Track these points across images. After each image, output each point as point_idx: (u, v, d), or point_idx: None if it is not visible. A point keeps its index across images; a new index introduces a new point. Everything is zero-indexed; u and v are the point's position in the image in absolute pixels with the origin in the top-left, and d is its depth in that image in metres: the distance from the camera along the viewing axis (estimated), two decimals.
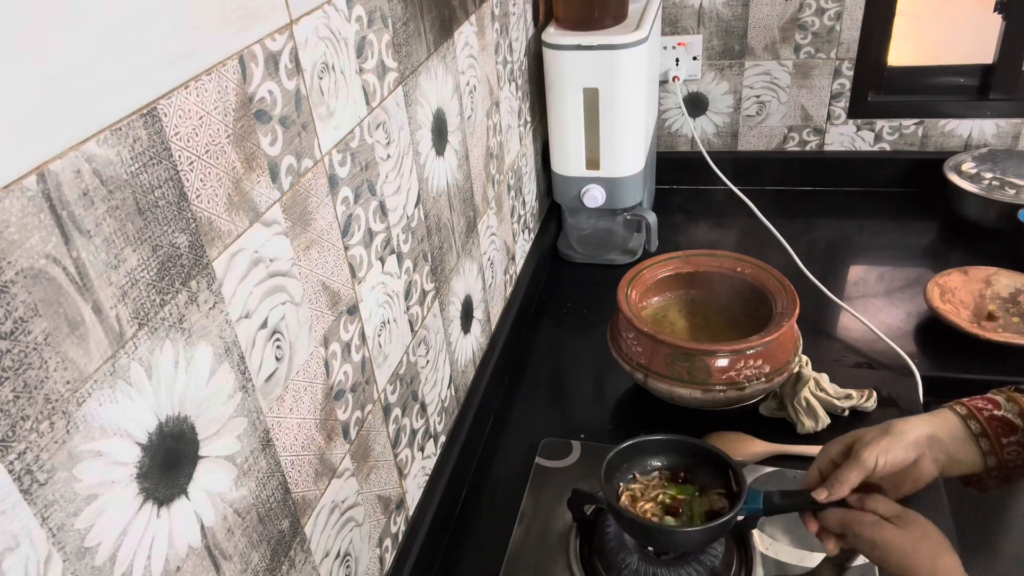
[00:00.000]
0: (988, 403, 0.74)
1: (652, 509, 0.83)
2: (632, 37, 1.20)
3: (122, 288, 0.43)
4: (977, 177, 1.42)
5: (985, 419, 0.73)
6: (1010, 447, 0.72)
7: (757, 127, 1.62)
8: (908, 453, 0.73)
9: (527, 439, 1.07)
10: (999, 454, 0.72)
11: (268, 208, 0.56)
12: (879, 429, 0.74)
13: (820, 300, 1.25)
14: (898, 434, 0.73)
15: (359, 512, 0.75)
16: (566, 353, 1.26)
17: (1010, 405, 0.73)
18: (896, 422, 0.74)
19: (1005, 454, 0.72)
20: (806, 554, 0.86)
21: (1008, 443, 0.72)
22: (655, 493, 0.84)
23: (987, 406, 0.74)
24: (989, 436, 0.72)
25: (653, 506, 0.83)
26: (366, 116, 0.71)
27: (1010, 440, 0.72)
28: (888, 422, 0.75)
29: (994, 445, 0.72)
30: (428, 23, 0.83)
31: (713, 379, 0.97)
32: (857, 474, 0.73)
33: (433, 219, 0.90)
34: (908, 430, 0.73)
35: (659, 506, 0.83)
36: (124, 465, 0.44)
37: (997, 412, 0.73)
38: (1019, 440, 0.72)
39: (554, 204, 1.46)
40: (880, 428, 0.74)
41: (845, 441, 0.76)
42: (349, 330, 0.71)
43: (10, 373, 0.36)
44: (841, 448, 0.76)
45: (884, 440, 0.73)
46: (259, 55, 0.54)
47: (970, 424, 0.73)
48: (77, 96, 0.39)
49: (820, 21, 1.47)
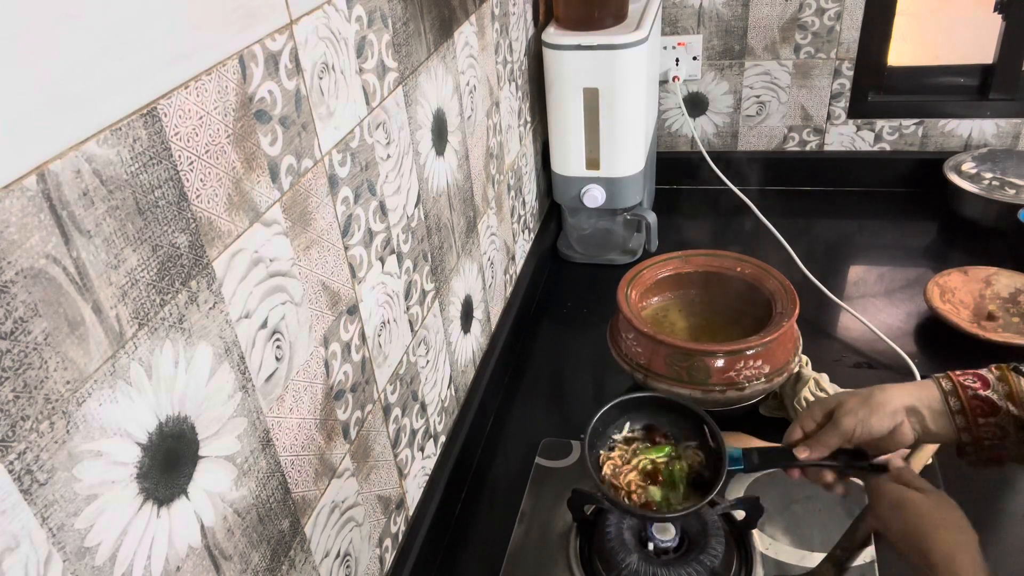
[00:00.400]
0: (977, 380, 0.75)
1: (636, 480, 0.83)
2: (632, 37, 1.20)
3: (122, 288, 0.43)
4: (977, 177, 1.42)
5: (967, 397, 0.75)
6: (987, 427, 0.73)
7: (757, 127, 1.62)
8: (886, 422, 0.75)
9: (527, 439, 1.07)
10: (974, 432, 0.74)
11: (268, 208, 0.56)
12: (860, 398, 0.77)
13: (820, 300, 1.25)
14: (878, 405, 0.76)
15: (359, 512, 0.75)
16: (566, 353, 1.26)
17: (1000, 385, 0.74)
18: (877, 391, 0.77)
19: (981, 432, 0.74)
20: (806, 554, 0.86)
21: (985, 423, 0.73)
22: (636, 461, 0.85)
23: (974, 384, 0.75)
24: (967, 414, 0.74)
25: (636, 476, 0.83)
26: (366, 116, 0.71)
27: (987, 420, 0.73)
28: (870, 390, 0.77)
29: (970, 423, 0.74)
30: (428, 23, 0.83)
31: (713, 379, 0.97)
32: (837, 439, 0.76)
33: (433, 219, 0.90)
34: (888, 400, 0.76)
35: (641, 474, 0.83)
36: (124, 465, 0.44)
37: (982, 392, 0.74)
38: (998, 422, 0.73)
39: (554, 204, 1.46)
40: (862, 397, 0.77)
41: (827, 405, 0.79)
42: (349, 330, 0.71)
43: (10, 373, 0.36)
44: (823, 412, 0.79)
45: (863, 410, 0.76)
46: (259, 55, 0.54)
47: (950, 401, 0.75)
48: (77, 96, 0.39)
49: (820, 21, 1.47)
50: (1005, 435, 0.73)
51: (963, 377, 0.76)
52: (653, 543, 0.83)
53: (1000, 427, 0.73)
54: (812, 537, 0.88)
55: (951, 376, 0.76)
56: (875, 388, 0.77)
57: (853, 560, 0.84)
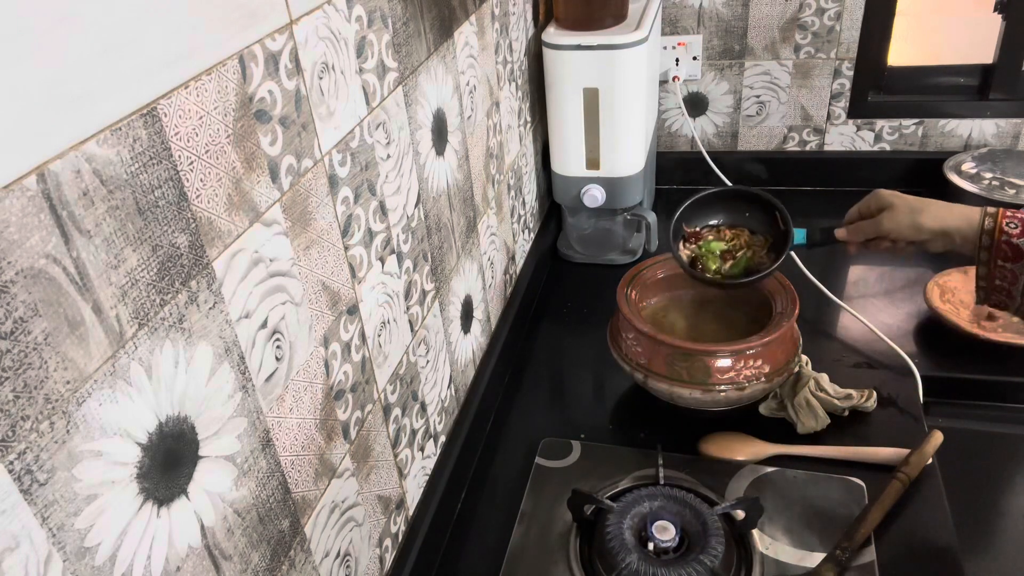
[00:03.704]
0: (1020, 226, 0.81)
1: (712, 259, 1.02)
2: (632, 37, 1.20)
3: (122, 288, 0.43)
4: (977, 177, 1.42)
5: (999, 240, 0.82)
6: (1003, 270, 0.81)
7: (757, 127, 1.62)
8: (920, 236, 0.89)
9: (527, 439, 1.07)
10: (991, 268, 0.83)
11: (268, 208, 0.57)
12: (908, 209, 0.89)
13: (820, 300, 1.25)
14: (919, 223, 0.88)
15: (359, 512, 0.75)
16: (566, 353, 1.26)
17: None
18: (925, 210, 0.88)
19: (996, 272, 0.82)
20: (806, 554, 0.86)
21: (1002, 266, 0.81)
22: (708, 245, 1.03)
23: (1015, 229, 0.81)
24: (991, 250, 0.82)
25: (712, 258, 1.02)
26: (366, 116, 0.71)
27: (1005, 265, 0.81)
28: (920, 203, 0.89)
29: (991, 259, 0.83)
30: (428, 23, 0.83)
31: (713, 379, 0.97)
32: (873, 232, 0.93)
33: (433, 219, 0.90)
34: (929, 222, 0.87)
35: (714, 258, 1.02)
36: (124, 465, 0.44)
37: (1016, 239, 0.81)
38: (1013, 268, 0.81)
39: (554, 204, 1.46)
40: (909, 208, 0.89)
41: (881, 202, 0.92)
42: (349, 330, 0.71)
43: (10, 373, 0.36)
44: (878, 206, 0.93)
45: (906, 224, 0.89)
46: (259, 55, 0.54)
47: (983, 239, 0.83)
48: (77, 96, 0.39)
49: (820, 21, 1.47)
50: (1015, 280, 0.80)
51: (1008, 220, 0.82)
52: (653, 543, 0.83)
53: (1013, 273, 0.80)
54: (812, 537, 0.88)
55: (998, 215, 0.83)
56: (925, 205, 0.88)
57: (853, 560, 0.84)
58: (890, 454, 0.95)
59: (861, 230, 0.94)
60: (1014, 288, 0.82)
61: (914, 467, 0.92)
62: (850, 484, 0.93)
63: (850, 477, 0.94)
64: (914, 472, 0.91)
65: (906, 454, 0.94)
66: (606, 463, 1.00)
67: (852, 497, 0.92)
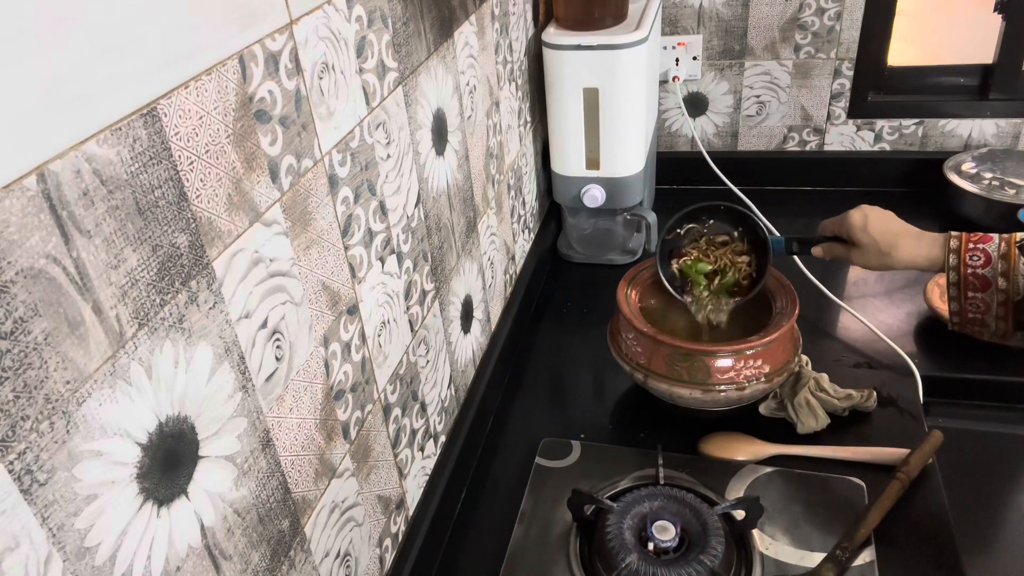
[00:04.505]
0: (982, 257, 0.82)
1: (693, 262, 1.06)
2: (632, 37, 1.20)
3: (122, 288, 0.43)
4: (977, 177, 1.42)
5: (966, 274, 0.82)
6: (974, 300, 0.82)
7: (757, 127, 1.62)
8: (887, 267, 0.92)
9: (527, 439, 1.07)
10: (962, 302, 0.84)
11: (268, 208, 0.57)
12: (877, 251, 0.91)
13: (820, 300, 1.25)
14: (889, 266, 0.91)
15: (359, 512, 0.75)
16: (566, 353, 1.26)
17: (1002, 263, 0.80)
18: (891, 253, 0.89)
19: (967, 304, 0.83)
20: (806, 554, 0.86)
21: (973, 297, 0.81)
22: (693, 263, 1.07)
23: (977, 261, 0.82)
24: (960, 286, 0.83)
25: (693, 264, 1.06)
26: (366, 116, 0.71)
27: (976, 295, 0.81)
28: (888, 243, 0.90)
29: (960, 293, 0.84)
30: (428, 23, 0.83)
31: (713, 379, 0.97)
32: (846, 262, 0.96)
33: (433, 219, 0.90)
34: (899, 265, 0.90)
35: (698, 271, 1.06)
36: (124, 465, 0.44)
37: (981, 270, 0.81)
38: (984, 298, 0.81)
39: (554, 204, 1.46)
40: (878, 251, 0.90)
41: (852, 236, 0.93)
42: (349, 330, 0.71)
43: (10, 373, 0.36)
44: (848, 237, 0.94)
45: (875, 264, 0.92)
46: (259, 55, 0.54)
47: (950, 275, 0.85)
48: (77, 96, 0.39)
49: (820, 21, 1.47)
50: (987, 309, 0.80)
51: (971, 252, 0.83)
52: (653, 543, 0.83)
53: (985, 302, 0.80)
54: (812, 537, 0.88)
55: (961, 248, 0.84)
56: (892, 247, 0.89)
57: (853, 560, 0.84)
58: (890, 454, 0.95)
59: (834, 254, 0.97)
60: (987, 316, 0.83)
61: (914, 467, 0.92)
62: (850, 484, 0.94)
63: (850, 477, 0.94)
64: (914, 472, 0.92)
65: (906, 454, 0.94)
66: (606, 463, 1.00)
67: (852, 497, 0.92)
